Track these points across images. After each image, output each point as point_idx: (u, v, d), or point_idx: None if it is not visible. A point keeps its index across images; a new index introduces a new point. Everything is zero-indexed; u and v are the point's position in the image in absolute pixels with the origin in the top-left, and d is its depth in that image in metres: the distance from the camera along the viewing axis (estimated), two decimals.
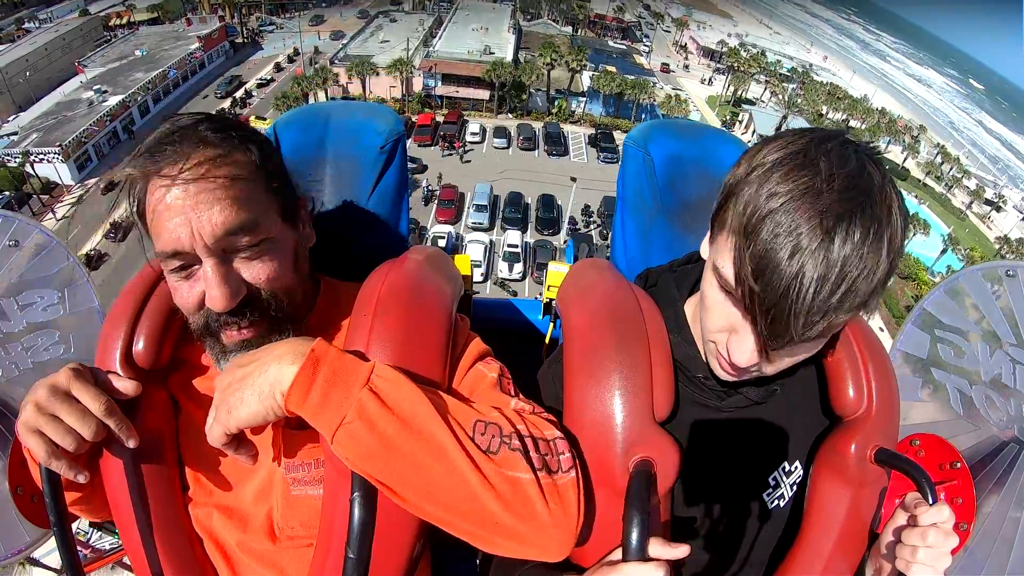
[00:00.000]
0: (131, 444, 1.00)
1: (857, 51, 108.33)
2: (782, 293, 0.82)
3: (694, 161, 1.56)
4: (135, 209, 0.99)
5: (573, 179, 35.65)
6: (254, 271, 1.01)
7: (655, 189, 1.55)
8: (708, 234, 1.03)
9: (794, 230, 0.80)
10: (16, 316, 1.55)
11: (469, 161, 40.90)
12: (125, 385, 1.02)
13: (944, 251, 40.24)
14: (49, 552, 1.76)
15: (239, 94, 50.30)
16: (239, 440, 0.93)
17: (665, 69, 67.20)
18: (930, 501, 0.98)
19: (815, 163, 0.82)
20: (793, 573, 1.13)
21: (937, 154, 58.36)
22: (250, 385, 0.87)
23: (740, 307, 0.91)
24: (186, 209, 0.93)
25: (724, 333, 0.97)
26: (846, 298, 0.81)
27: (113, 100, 43.03)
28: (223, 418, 0.88)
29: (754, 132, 49.54)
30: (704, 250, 1.05)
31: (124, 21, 61.62)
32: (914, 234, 39.63)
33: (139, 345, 1.10)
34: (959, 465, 1.41)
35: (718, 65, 67.95)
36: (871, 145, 0.89)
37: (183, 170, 0.92)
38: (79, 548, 1.08)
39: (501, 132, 45.10)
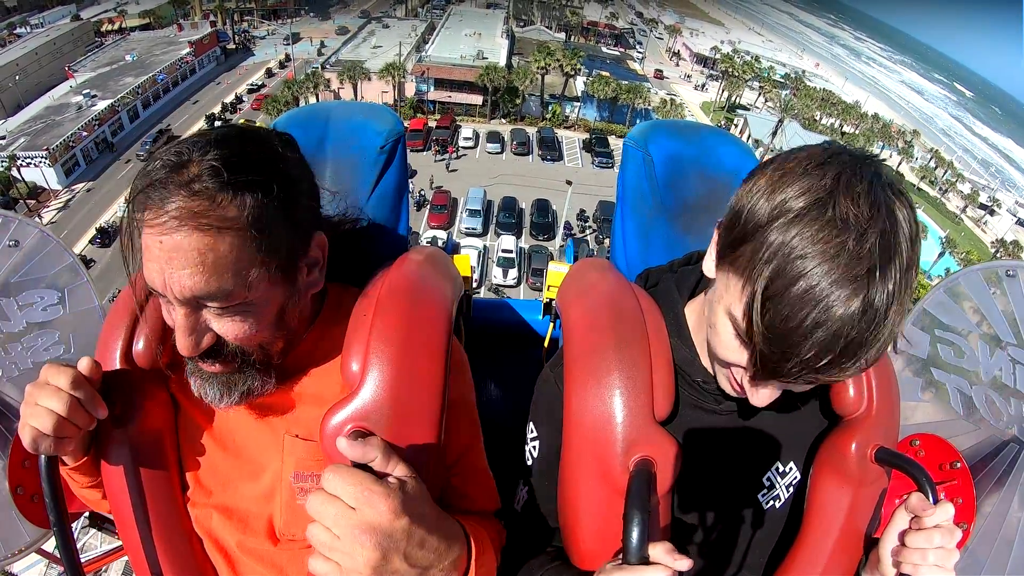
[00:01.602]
0: (100, 415, 0.99)
1: (847, 58, 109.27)
2: (805, 358, 0.80)
3: (694, 161, 1.56)
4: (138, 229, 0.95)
5: (568, 182, 35.54)
6: (223, 327, 0.97)
7: (655, 189, 1.54)
8: (714, 253, 0.96)
9: (824, 299, 0.75)
10: (16, 316, 1.56)
11: (456, 170, 40.69)
12: (84, 364, 0.99)
13: (941, 254, 40.65)
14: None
15: (229, 99, 49.68)
16: None
17: (659, 75, 67.49)
18: (931, 500, 0.98)
19: (845, 219, 0.76)
20: (794, 572, 1.12)
21: (931, 159, 58.84)
22: None
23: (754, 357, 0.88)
24: (160, 260, 0.88)
25: (740, 369, 0.95)
26: (881, 347, 0.80)
27: (102, 104, 43.02)
28: (346, 563, 0.78)
29: (749, 137, 49.80)
30: (709, 270, 0.99)
31: (116, 27, 61.78)
32: None
33: (139, 345, 1.09)
34: (959, 465, 1.41)
35: (712, 72, 68.30)
36: (891, 169, 0.84)
37: (157, 222, 0.87)
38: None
39: (495, 137, 45.13)
